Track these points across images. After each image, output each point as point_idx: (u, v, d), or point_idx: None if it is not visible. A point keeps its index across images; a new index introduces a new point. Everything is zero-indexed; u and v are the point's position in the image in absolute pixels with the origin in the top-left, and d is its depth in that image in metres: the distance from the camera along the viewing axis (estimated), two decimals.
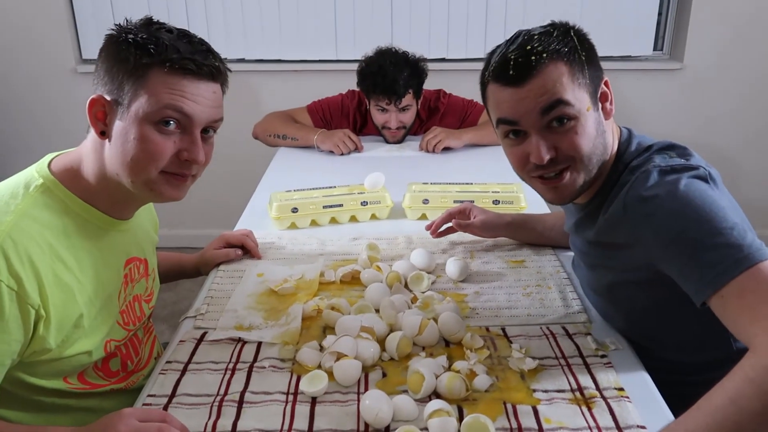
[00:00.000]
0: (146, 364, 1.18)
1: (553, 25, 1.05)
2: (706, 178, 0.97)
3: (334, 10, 3.09)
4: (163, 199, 1.02)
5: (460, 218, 1.49)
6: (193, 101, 0.96)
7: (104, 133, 0.97)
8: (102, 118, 0.97)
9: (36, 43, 3.15)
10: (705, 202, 0.92)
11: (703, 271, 0.89)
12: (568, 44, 1.01)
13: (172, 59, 0.94)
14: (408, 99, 2.27)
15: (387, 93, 2.22)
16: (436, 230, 1.50)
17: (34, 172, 1.00)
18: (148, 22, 0.98)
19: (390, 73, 2.19)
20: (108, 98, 0.96)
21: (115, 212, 1.05)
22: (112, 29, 0.97)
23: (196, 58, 0.95)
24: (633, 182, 1.00)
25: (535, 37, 1.01)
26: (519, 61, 0.99)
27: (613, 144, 1.08)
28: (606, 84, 1.06)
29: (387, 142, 2.41)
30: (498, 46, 1.06)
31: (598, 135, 1.03)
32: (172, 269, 1.47)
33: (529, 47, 1.00)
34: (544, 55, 0.99)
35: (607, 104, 1.06)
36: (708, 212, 0.91)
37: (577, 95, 1.00)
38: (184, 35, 0.98)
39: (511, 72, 1.00)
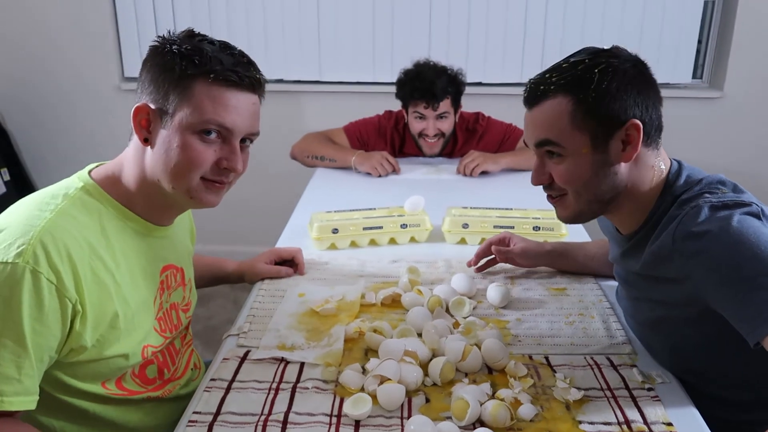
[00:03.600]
0: (183, 374, 1.19)
1: (595, 54, 1.03)
2: (758, 215, 0.96)
3: (373, 33, 3.14)
4: (201, 205, 1.05)
5: (500, 246, 1.48)
6: (235, 113, 0.99)
7: (147, 140, 1.00)
8: (146, 125, 1.00)
9: (80, 61, 3.24)
10: (759, 240, 0.91)
11: (758, 310, 0.88)
12: (584, 82, 1.00)
13: (215, 71, 0.97)
14: (446, 105, 2.28)
15: (425, 96, 2.24)
16: (476, 263, 1.49)
17: (75, 178, 1.04)
18: (191, 34, 1.01)
19: (429, 77, 2.23)
20: (152, 107, 0.99)
21: (153, 218, 1.07)
22: (156, 40, 1.00)
23: (238, 70, 0.99)
24: (683, 217, 0.98)
25: (563, 66, 1.04)
26: (531, 87, 1.06)
27: (653, 178, 1.06)
28: (636, 128, 1.01)
29: (424, 154, 2.42)
30: None
31: (595, 176, 1.04)
32: (214, 273, 1.48)
33: (547, 75, 1.04)
34: (552, 87, 1.02)
35: (629, 148, 1.02)
36: (763, 250, 0.90)
37: (571, 136, 1.02)
38: (226, 47, 1.01)
39: (524, 94, 1.08)
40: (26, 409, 0.90)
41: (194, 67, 0.96)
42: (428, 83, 2.22)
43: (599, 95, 1.00)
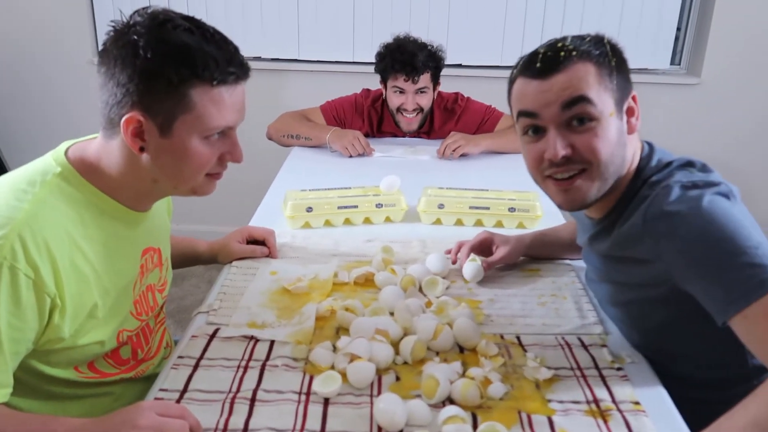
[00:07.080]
0: (155, 354, 1.17)
1: (588, 34, 1.05)
2: (728, 195, 0.96)
3: (353, 13, 3.10)
4: (201, 195, 1.04)
5: (481, 248, 1.41)
6: (234, 110, 0.98)
7: (143, 149, 0.95)
8: (137, 134, 0.93)
9: (53, 37, 3.17)
10: (729, 220, 0.91)
11: (727, 290, 0.88)
12: (599, 49, 1.02)
13: (215, 76, 0.92)
14: (425, 80, 2.26)
15: (405, 68, 2.22)
16: (460, 264, 1.40)
17: (51, 160, 0.98)
18: (159, 21, 0.91)
19: (409, 49, 2.22)
20: (146, 116, 0.92)
21: (135, 205, 1.04)
22: (117, 28, 0.92)
23: (232, 70, 0.94)
24: (653, 197, 0.98)
25: (568, 38, 1.04)
26: (548, 54, 1.01)
27: (633, 159, 1.06)
28: (634, 99, 1.05)
29: (402, 131, 2.41)
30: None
31: (618, 144, 1.02)
32: (186, 254, 1.44)
33: (560, 44, 1.02)
34: (574, 53, 1.00)
35: (633, 119, 1.05)
36: (732, 230, 0.90)
37: (601, 97, 1.00)
38: (206, 34, 0.93)
39: (538, 64, 1.01)
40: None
41: (190, 73, 0.90)
42: (409, 55, 2.20)
43: (618, 61, 1.03)
